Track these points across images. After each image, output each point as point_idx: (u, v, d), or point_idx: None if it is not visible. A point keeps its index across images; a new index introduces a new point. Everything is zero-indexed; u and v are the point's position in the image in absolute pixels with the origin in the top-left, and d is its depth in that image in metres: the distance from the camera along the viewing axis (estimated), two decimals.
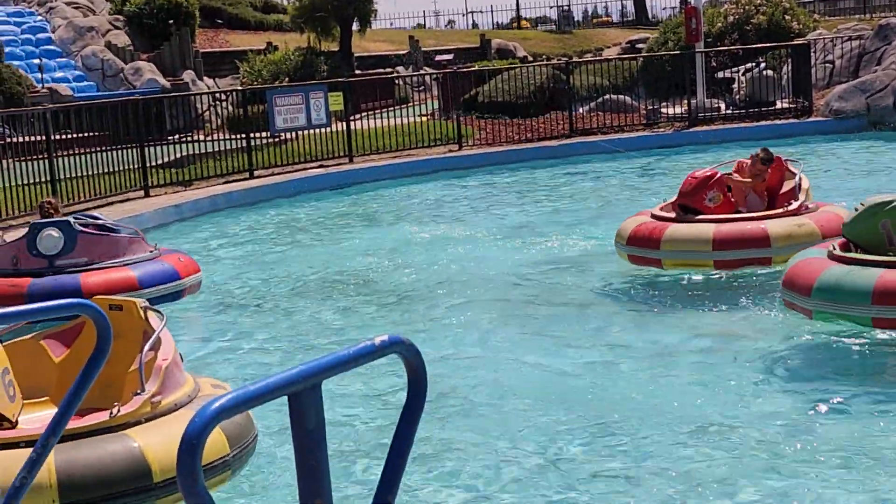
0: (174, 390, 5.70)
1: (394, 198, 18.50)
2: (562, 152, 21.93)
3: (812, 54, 24.66)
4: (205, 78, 29.34)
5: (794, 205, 10.28)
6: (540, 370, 7.91)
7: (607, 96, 25.12)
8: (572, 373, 7.80)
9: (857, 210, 8.27)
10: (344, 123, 21.35)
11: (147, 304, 6.35)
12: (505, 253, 12.48)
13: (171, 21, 29.74)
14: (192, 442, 2.12)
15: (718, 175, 10.61)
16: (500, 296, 10.36)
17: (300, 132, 21.17)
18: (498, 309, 9.88)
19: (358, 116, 22.47)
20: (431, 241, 13.68)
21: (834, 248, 8.26)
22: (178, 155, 20.02)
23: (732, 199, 10.70)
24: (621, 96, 25.28)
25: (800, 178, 10.68)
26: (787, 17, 28.12)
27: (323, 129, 21.18)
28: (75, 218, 10.70)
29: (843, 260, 8.00)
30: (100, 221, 10.69)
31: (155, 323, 6.06)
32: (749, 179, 10.82)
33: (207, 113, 23.95)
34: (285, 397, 2.28)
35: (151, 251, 10.43)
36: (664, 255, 10.26)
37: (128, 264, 10.10)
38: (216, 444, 5.37)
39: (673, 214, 10.50)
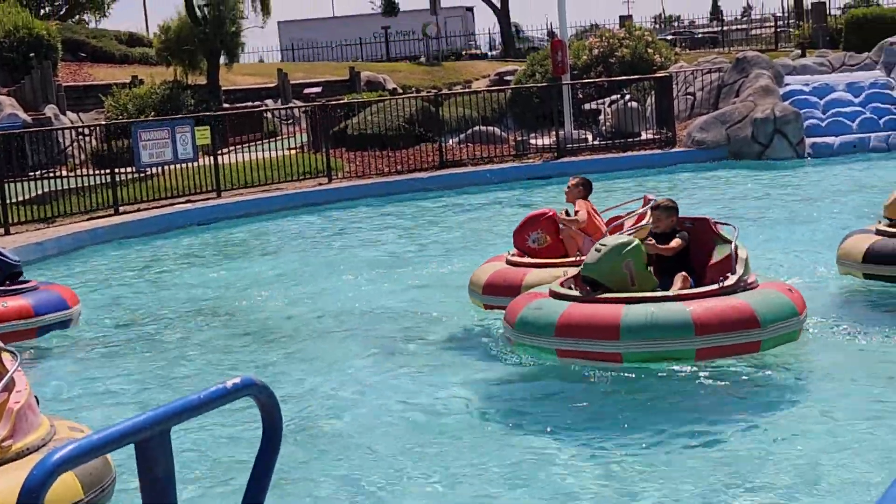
0: (27, 434, 5.51)
1: (263, 232, 18.32)
2: (431, 184, 22.02)
3: (674, 86, 25.27)
4: (68, 112, 28.73)
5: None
6: (406, 407, 7.84)
7: (477, 128, 25.34)
8: (438, 410, 7.73)
9: (597, 251, 8.26)
10: (211, 157, 21.12)
11: (0, 344, 6.16)
12: (374, 286, 12.44)
13: (32, 54, 29.07)
14: (31, 495, 2.04)
15: (549, 214, 10.24)
16: (369, 330, 10.30)
17: (167, 167, 20.87)
18: (366, 344, 9.80)
19: (226, 150, 22.25)
20: (301, 275, 13.57)
21: (579, 289, 8.29)
22: (41, 191, 19.54)
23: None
24: (491, 128, 25.53)
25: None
26: (649, 51, 28.77)
27: (190, 164, 20.92)
28: None
29: (599, 301, 8.04)
30: None
31: (8, 363, 5.86)
32: (571, 219, 10.14)
33: (71, 148, 23.44)
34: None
35: None
36: (468, 292, 10.30)
37: None
38: (69, 488, 5.22)
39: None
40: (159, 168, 20.94)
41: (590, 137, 24.75)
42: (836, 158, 22.37)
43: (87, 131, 23.96)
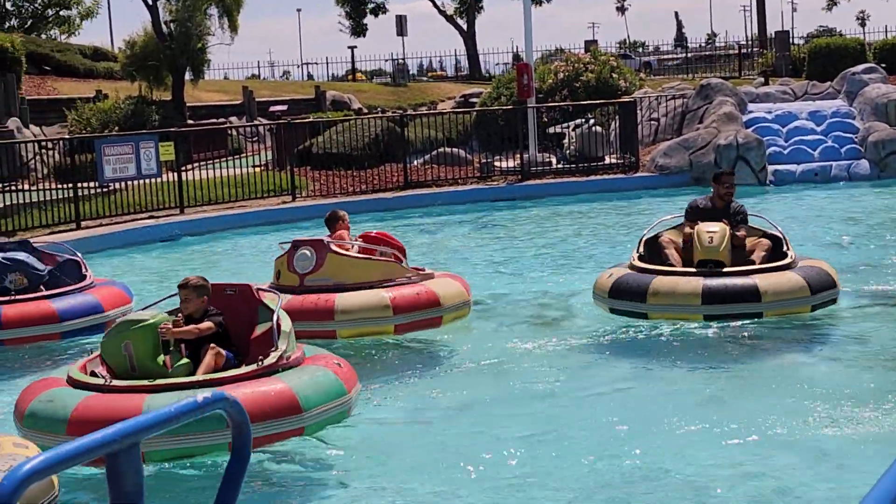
0: None
1: (225, 250, 18.24)
2: (395, 204, 22.02)
3: (638, 112, 25.42)
4: (31, 126, 28.55)
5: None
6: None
7: (441, 149, 25.39)
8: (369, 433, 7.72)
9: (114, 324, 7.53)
10: (175, 174, 21.02)
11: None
12: None
13: None
14: None
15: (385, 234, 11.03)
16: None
17: (130, 182, 20.76)
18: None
19: (190, 167, 22.16)
20: None
21: (100, 376, 7.22)
22: (2, 204, 19.37)
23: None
24: (455, 149, 25.58)
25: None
26: (614, 76, 28.93)
27: (153, 180, 20.82)
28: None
29: (117, 389, 7.01)
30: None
31: None
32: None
33: (33, 161, 23.29)
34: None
35: None
36: None
37: None
38: None
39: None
40: (122, 183, 20.82)
41: (554, 161, 24.85)
42: (797, 186, 22.58)
43: (49, 145, 23.83)
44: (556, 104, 27.17)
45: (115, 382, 7.05)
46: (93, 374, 7.27)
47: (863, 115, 24.70)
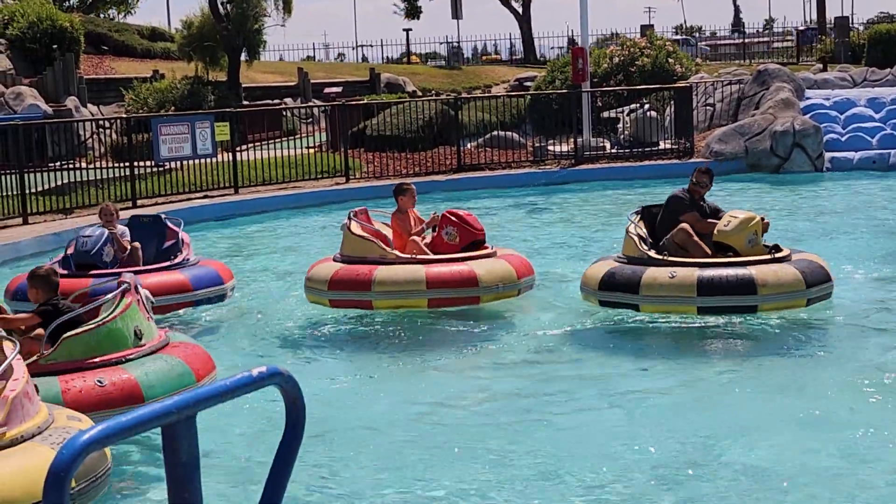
0: (22, 422, 5.50)
1: (279, 230, 18.35)
2: (449, 187, 22.02)
3: (694, 97, 25.23)
4: (89, 105, 28.84)
5: None
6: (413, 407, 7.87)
7: (495, 132, 25.36)
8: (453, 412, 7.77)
9: None
10: (230, 154, 21.17)
11: (1, 332, 6.18)
12: None
13: (54, 46, 29.21)
14: (59, 474, 2.06)
15: (464, 215, 11.26)
16: (371, 331, 10.30)
17: (185, 162, 20.92)
18: (387, 344, 9.83)
19: (244, 147, 22.29)
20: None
21: None
22: (60, 182, 19.61)
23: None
24: (509, 133, 25.54)
25: None
26: (670, 61, 28.74)
27: (208, 160, 20.97)
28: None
29: None
30: None
31: (7, 351, 5.87)
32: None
33: (90, 140, 23.53)
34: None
35: None
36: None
37: None
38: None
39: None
40: (178, 163, 20.99)
41: (608, 145, 24.74)
42: (854, 174, 22.30)
43: (107, 124, 24.07)
44: (611, 89, 27.02)
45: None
46: None
47: None
